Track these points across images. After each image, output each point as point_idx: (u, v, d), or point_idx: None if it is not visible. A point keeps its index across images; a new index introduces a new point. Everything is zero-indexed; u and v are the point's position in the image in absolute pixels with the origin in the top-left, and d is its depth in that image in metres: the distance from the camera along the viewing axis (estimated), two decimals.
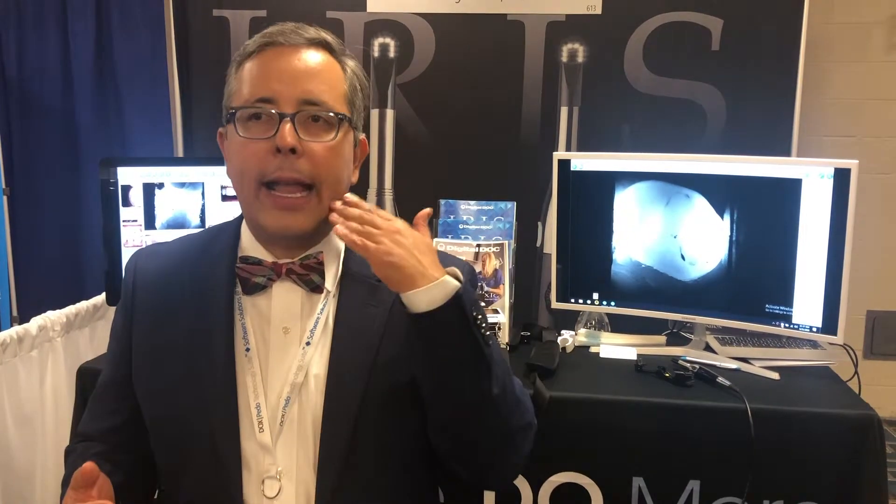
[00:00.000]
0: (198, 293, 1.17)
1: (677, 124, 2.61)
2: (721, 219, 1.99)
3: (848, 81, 2.81)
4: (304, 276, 1.15)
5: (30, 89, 2.90)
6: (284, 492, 1.11)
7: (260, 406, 1.12)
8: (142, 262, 1.23)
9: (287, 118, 1.08)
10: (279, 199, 1.09)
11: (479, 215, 2.29)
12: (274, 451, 1.12)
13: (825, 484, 1.73)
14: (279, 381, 1.13)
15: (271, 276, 1.15)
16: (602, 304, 2.16)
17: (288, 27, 1.13)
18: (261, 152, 1.08)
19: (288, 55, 1.11)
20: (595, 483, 1.80)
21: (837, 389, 1.90)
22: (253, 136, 1.09)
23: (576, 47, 2.65)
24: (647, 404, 1.79)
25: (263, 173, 1.08)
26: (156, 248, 1.28)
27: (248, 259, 1.16)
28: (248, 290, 1.15)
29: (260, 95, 1.09)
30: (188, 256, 1.22)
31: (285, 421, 1.12)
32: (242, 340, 1.15)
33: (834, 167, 1.84)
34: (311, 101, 1.10)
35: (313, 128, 1.10)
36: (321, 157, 1.10)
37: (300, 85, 1.10)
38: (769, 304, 1.96)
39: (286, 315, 1.15)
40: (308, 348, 1.14)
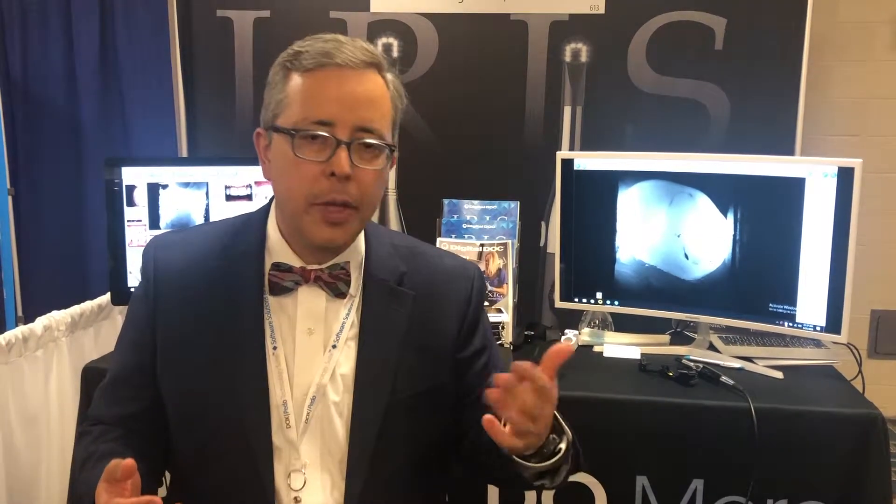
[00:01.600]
0: (225, 290, 1.20)
1: (681, 124, 2.60)
2: (725, 218, 1.99)
3: (852, 80, 2.80)
4: (331, 283, 1.20)
5: (34, 89, 2.90)
6: (309, 485, 1.17)
7: (287, 403, 1.17)
8: (161, 253, 1.25)
9: (344, 145, 1.11)
10: (329, 214, 1.12)
11: (482, 215, 2.29)
12: (299, 447, 1.17)
13: (829, 483, 1.73)
14: (305, 381, 1.18)
15: (299, 280, 1.19)
16: (605, 303, 2.16)
17: (344, 44, 1.14)
18: (314, 174, 1.11)
19: (346, 77, 1.12)
20: (599, 482, 1.80)
21: (841, 388, 1.90)
22: (308, 157, 1.11)
23: (579, 47, 2.65)
24: (651, 403, 1.79)
25: (316, 195, 1.12)
26: (172, 237, 1.31)
27: (280, 266, 1.20)
28: (276, 292, 1.19)
29: (318, 118, 1.11)
30: (211, 250, 1.24)
31: (311, 419, 1.17)
32: (270, 339, 1.19)
33: (838, 166, 1.85)
34: (366, 128, 1.13)
35: (365, 154, 1.14)
36: (369, 182, 1.14)
37: (357, 112, 1.12)
38: (773, 304, 1.96)
39: (311, 317, 1.20)
40: (335, 351, 1.19)
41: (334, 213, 1.12)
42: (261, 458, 1.15)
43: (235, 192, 2.17)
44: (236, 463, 1.16)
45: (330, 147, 1.11)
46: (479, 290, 1.31)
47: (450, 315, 1.26)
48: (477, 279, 1.31)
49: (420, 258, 1.29)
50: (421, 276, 1.26)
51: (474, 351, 1.29)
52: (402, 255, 1.27)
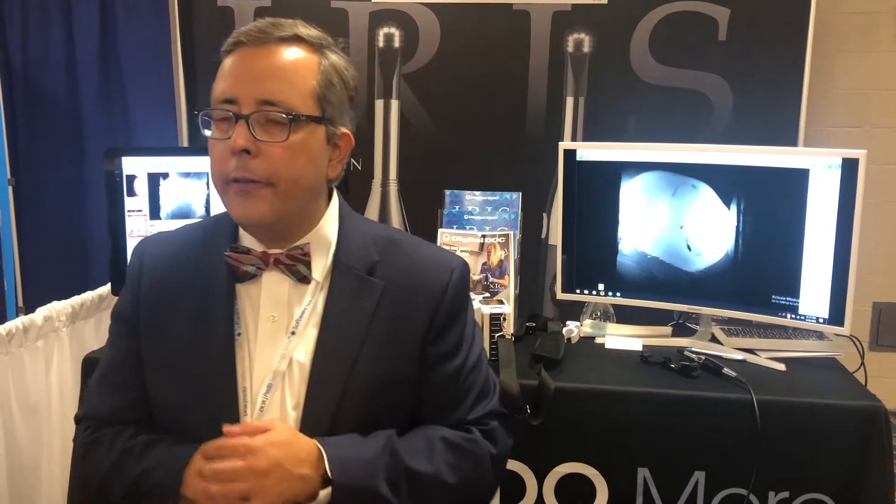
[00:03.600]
0: (199, 280, 1.21)
1: (683, 114, 2.60)
2: (728, 209, 1.98)
3: (855, 71, 2.79)
4: (291, 266, 1.18)
5: (34, 79, 2.89)
6: None
7: (246, 390, 1.17)
8: (149, 249, 1.27)
9: (241, 119, 1.10)
10: (241, 185, 1.12)
11: (484, 206, 2.29)
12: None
13: (831, 475, 1.73)
14: (264, 368, 1.17)
15: (259, 265, 1.18)
16: (607, 294, 2.16)
17: (259, 25, 1.14)
18: (223, 152, 1.12)
19: (253, 56, 1.13)
20: (600, 474, 1.80)
21: (844, 381, 1.90)
22: (216, 136, 1.13)
23: (582, 37, 2.63)
24: (653, 395, 1.79)
25: (226, 172, 1.12)
26: (161, 236, 1.33)
27: (238, 248, 1.19)
28: (239, 278, 1.19)
29: (225, 97, 1.12)
30: (191, 244, 1.26)
31: (265, 407, 1.16)
32: (235, 326, 1.19)
33: (842, 157, 1.84)
34: (268, 101, 1.11)
35: (270, 128, 1.11)
36: (278, 157, 1.11)
37: (259, 85, 1.11)
38: (775, 295, 1.96)
39: (273, 303, 1.19)
40: (293, 337, 1.18)
41: (242, 185, 1.11)
42: None
43: None
44: None
45: (232, 123, 1.11)
46: (459, 284, 1.25)
47: (421, 307, 1.21)
48: (458, 272, 1.25)
49: (398, 249, 1.25)
50: (395, 266, 1.23)
51: (444, 352, 1.23)
52: (379, 245, 1.24)
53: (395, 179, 2.74)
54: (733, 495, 1.76)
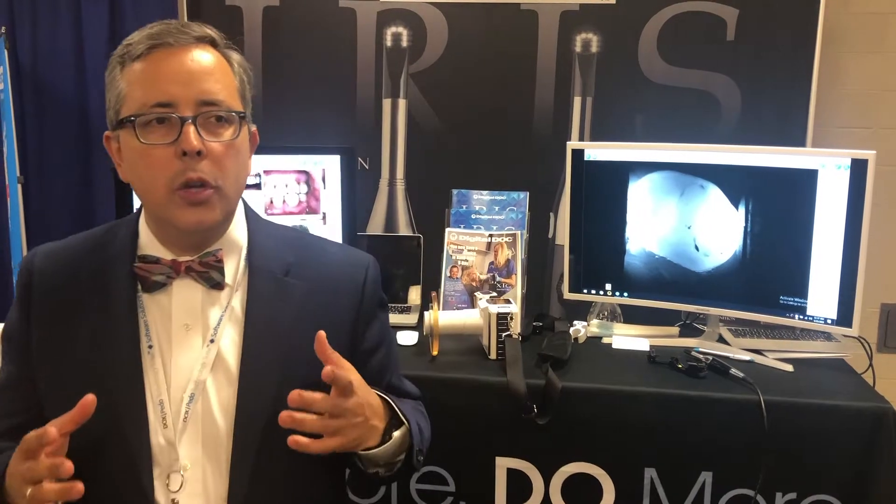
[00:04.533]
0: (97, 292, 1.17)
1: (691, 115, 2.59)
2: (736, 210, 1.98)
3: (864, 72, 2.78)
4: (204, 273, 1.16)
5: (43, 78, 2.90)
6: (188, 486, 1.13)
7: (163, 402, 1.14)
8: (38, 261, 1.22)
9: (189, 121, 1.08)
10: (190, 194, 1.09)
11: (491, 205, 2.29)
12: (178, 447, 1.13)
13: (839, 477, 1.72)
14: (183, 378, 1.14)
15: (170, 273, 1.16)
16: (615, 294, 2.15)
17: (172, 26, 1.13)
18: (165, 157, 1.08)
19: (179, 56, 1.10)
20: (607, 474, 1.80)
21: (852, 382, 1.89)
22: (155, 141, 1.08)
23: (589, 37, 2.63)
24: (660, 395, 1.78)
25: (172, 178, 1.09)
26: (52, 245, 1.26)
27: (147, 258, 1.16)
28: (148, 289, 1.16)
29: (157, 100, 1.08)
30: (85, 254, 1.21)
31: (189, 417, 1.13)
32: (145, 338, 1.15)
33: (851, 158, 1.83)
34: (209, 101, 1.10)
35: (214, 128, 1.11)
36: (222, 156, 1.11)
37: (196, 86, 1.09)
38: (783, 296, 1.95)
39: (186, 312, 1.16)
40: (212, 346, 1.16)
41: (195, 193, 1.09)
42: (139, 460, 1.11)
43: (252, 180, 2.16)
44: (115, 468, 1.12)
45: (175, 127, 1.08)
46: (373, 279, 1.28)
47: (342, 305, 1.23)
48: (371, 269, 1.28)
49: (310, 249, 1.26)
50: (310, 267, 1.23)
51: (370, 347, 1.27)
52: (291, 245, 1.25)
53: (403, 179, 2.74)
54: (740, 496, 1.76)
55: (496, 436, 1.82)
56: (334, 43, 2.69)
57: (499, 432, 1.82)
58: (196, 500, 1.13)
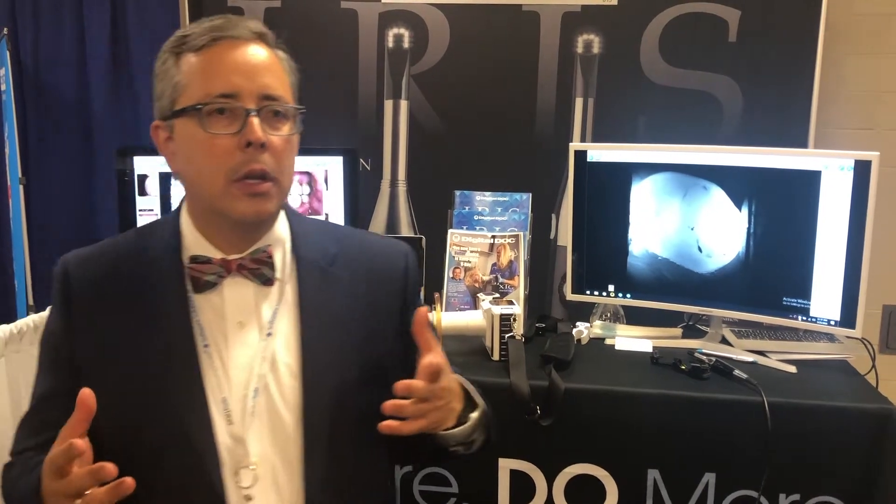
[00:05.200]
0: (144, 295, 1.16)
1: (693, 116, 2.59)
2: (739, 211, 1.98)
3: (867, 73, 2.78)
4: (255, 270, 1.17)
5: (45, 78, 2.90)
6: (260, 481, 1.13)
7: (226, 400, 1.13)
8: (74, 270, 1.20)
9: (253, 113, 1.09)
10: (250, 185, 1.10)
11: (494, 206, 2.29)
12: (246, 443, 1.13)
13: (842, 478, 1.72)
14: (243, 374, 1.14)
15: (221, 273, 1.16)
16: (618, 296, 2.15)
17: (233, 20, 1.14)
18: (228, 148, 1.09)
19: (241, 49, 1.12)
20: (610, 475, 1.80)
21: (855, 383, 1.89)
22: (219, 131, 1.09)
23: (591, 38, 2.63)
24: (663, 397, 1.78)
25: (233, 169, 1.09)
26: (83, 252, 1.25)
27: (198, 258, 1.16)
28: (200, 289, 1.16)
29: (222, 91, 1.09)
30: (124, 259, 1.20)
31: (256, 412, 1.14)
32: (200, 337, 1.15)
33: (854, 159, 1.83)
34: (270, 95, 1.11)
35: (274, 122, 1.12)
36: (281, 149, 1.12)
37: (258, 79, 1.11)
38: (787, 297, 1.95)
39: (240, 309, 1.17)
40: (270, 339, 1.16)
41: (255, 185, 1.10)
42: (206, 459, 1.11)
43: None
44: (182, 470, 1.12)
45: (239, 118, 1.09)
46: (414, 266, 1.30)
47: (388, 292, 1.25)
48: (410, 256, 1.30)
49: (349, 239, 1.28)
50: (352, 257, 1.24)
51: None
52: (331, 236, 1.26)
53: (405, 180, 2.74)
54: (744, 497, 1.75)
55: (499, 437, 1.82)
56: (336, 44, 2.69)
57: (502, 433, 1.82)
58: (268, 494, 1.14)
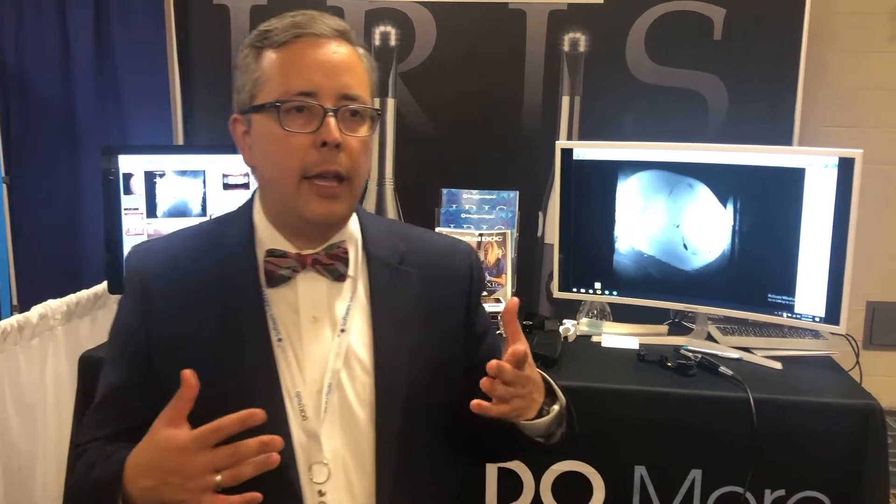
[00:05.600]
0: (220, 288, 1.16)
1: (679, 114, 2.60)
2: (724, 208, 1.99)
3: (850, 72, 2.80)
4: (329, 265, 1.17)
5: (28, 77, 2.87)
6: (333, 477, 1.13)
7: (300, 394, 1.14)
8: (147, 263, 1.20)
9: (331, 113, 1.09)
10: (322, 188, 1.10)
11: (481, 204, 2.29)
12: (320, 438, 1.13)
13: (827, 473, 1.74)
14: (317, 369, 1.15)
15: (296, 267, 1.16)
16: (604, 293, 2.16)
17: (316, 16, 1.14)
18: (304, 146, 1.09)
19: (322, 46, 1.11)
20: (597, 471, 1.81)
21: (839, 379, 1.91)
22: (296, 129, 1.09)
23: (578, 36, 2.64)
24: (649, 393, 1.79)
25: (307, 167, 1.09)
26: (156, 244, 1.26)
27: (274, 252, 1.16)
28: (273, 283, 1.16)
29: (301, 88, 1.09)
30: (198, 250, 1.21)
31: (329, 408, 1.14)
32: (273, 331, 1.15)
33: (838, 157, 1.85)
34: (349, 95, 1.11)
35: (351, 122, 1.12)
36: (357, 151, 1.12)
37: (338, 79, 1.11)
38: (771, 294, 1.97)
39: (314, 304, 1.17)
40: (344, 335, 1.16)
41: (326, 187, 1.10)
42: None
43: (233, 180, 2.16)
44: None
45: (317, 117, 1.09)
46: (478, 267, 1.31)
47: (454, 291, 1.26)
48: (474, 255, 1.32)
49: (414, 238, 1.28)
50: (420, 255, 1.25)
51: (481, 331, 1.30)
52: (398, 235, 1.27)
53: (392, 178, 2.74)
54: (729, 493, 1.76)
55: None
56: None
57: None
58: (341, 491, 1.14)
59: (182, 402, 1.01)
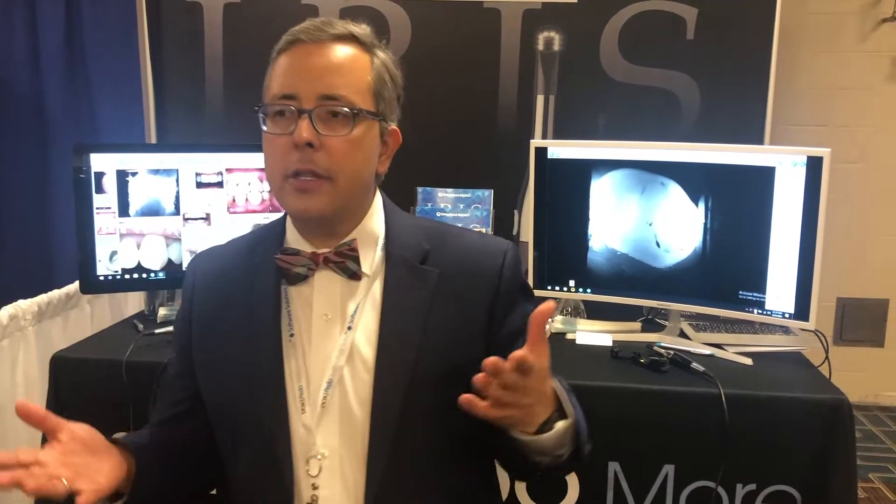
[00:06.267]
0: (248, 286, 1.22)
1: (652, 113, 2.63)
2: (696, 206, 2.00)
3: (820, 71, 2.84)
4: (341, 263, 1.19)
5: None
6: (326, 471, 1.16)
7: (302, 388, 1.17)
8: (201, 264, 1.31)
9: (304, 114, 1.11)
10: (298, 182, 1.13)
11: (456, 203, 2.30)
12: (316, 433, 1.16)
13: (797, 467, 1.76)
14: (321, 365, 1.17)
15: (310, 265, 1.19)
16: (578, 291, 2.17)
17: (315, 23, 1.16)
18: (284, 147, 1.13)
19: (312, 52, 1.14)
20: None
21: (809, 375, 1.93)
22: (276, 132, 1.13)
23: (552, 35, 2.65)
24: (623, 390, 1.80)
25: (286, 167, 1.13)
26: (214, 249, 1.35)
27: (287, 250, 1.20)
28: (291, 281, 1.20)
29: (284, 92, 1.13)
30: (239, 253, 1.28)
31: (327, 403, 1.16)
32: (288, 327, 1.19)
33: (807, 155, 1.87)
34: (330, 95, 1.13)
35: (332, 122, 1.13)
36: (339, 150, 1.13)
37: (320, 80, 1.13)
38: (742, 291, 1.99)
39: (326, 302, 1.19)
40: (350, 332, 1.18)
41: (301, 181, 1.12)
42: (279, 444, 1.15)
43: (206, 179, 2.14)
44: (256, 451, 1.18)
45: (293, 119, 1.12)
46: (512, 265, 1.24)
47: (479, 291, 1.21)
48: (510, 253, 1.25)
49: (449, 237, 1.26)
50: (447, 254, 1.23)
51: (510, 333, 1.22)
52: (429, 234, 1.25)
53: None
54: (702, 488, 1.78)
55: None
56: None
57: None
58: (335, 486, 1.16)
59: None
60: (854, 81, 2.87)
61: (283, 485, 1.15)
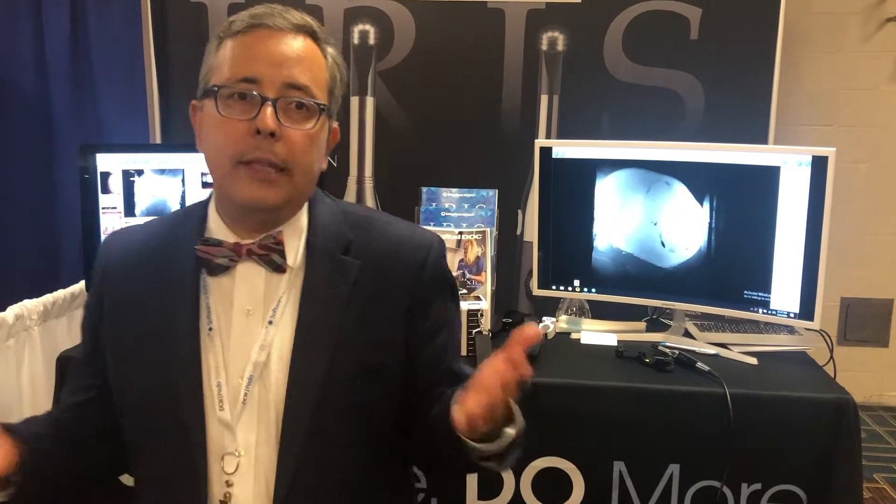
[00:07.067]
0: (164, 274, 1.17)
1: (656, 113, 2.63)
2: (700, 206, 2.01)
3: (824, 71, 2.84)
4: (265, 256, 1.15)
5: (3, 75, 2.85)
6: (242, 469, 1.12)
7: (221, 385, 1.13)
8: (113, 245, 1.25)
9: (269, 102, 1.08)
10: (257, 170, 1.08)
11: (460, 203, 2.30)
12: (234, 429, 1.12)
13: (802, 467, 1.76)
14: (242, 361, 1.13)
15: (233, 257, 1.15)
16: (583, 290, 2.17)
17: (276, 9, 1.13)
18: (240, 132, 1.08)
19: (275, 38, 1.10)
20: (576, 468, 1.82)
21: (814, 374, 1.93)
22: (233, 115, 1.08)
23: (556, 35, 2.65)
24: (628, 389, 1.81)
25: (241, 153, 1.08)
26: (127, 230, 1.29)
27: (209, 241, 1.15)
28: (212, 271, 1.15)
29: (244, 75, 1.08)
30: (156, 238, 1.22)
31: (248, 400, 1.13)
32: (206, 320, 1.15)
33: (812, 155, 1.87)
34: (295, 85, 1.10)
35: (294, 114, 1.10)
36: (298, 143, 1.10)
37: (285, 69, 1.09)
38: (747, 291, 1.99)
39: (249, 296, 1.15)
40: (270, 328, 1.14)
41: (261, 170, 1.08)
42: (193, 440, 1.11)
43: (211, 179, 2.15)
44: (171, 447, 1.13)
45: (255, 104, 1.08)
46: (436, 260, 1.23)
47: (399, 284, 1.18)
48: (435, 248, 1.23)
49: (374, 227, 1.23)
50: (371, 244, 1.20)
51: (429, 329, 1.21)
52: (353, 223, 1.22)
53: (371, 177, 2.74)
54: (707, 487, 1.78)
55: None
56: None
57: None
58: (249, 483, 1.13)
59: None
60: (858, 81, 2.86)
61: (196, 482, 1.11)
